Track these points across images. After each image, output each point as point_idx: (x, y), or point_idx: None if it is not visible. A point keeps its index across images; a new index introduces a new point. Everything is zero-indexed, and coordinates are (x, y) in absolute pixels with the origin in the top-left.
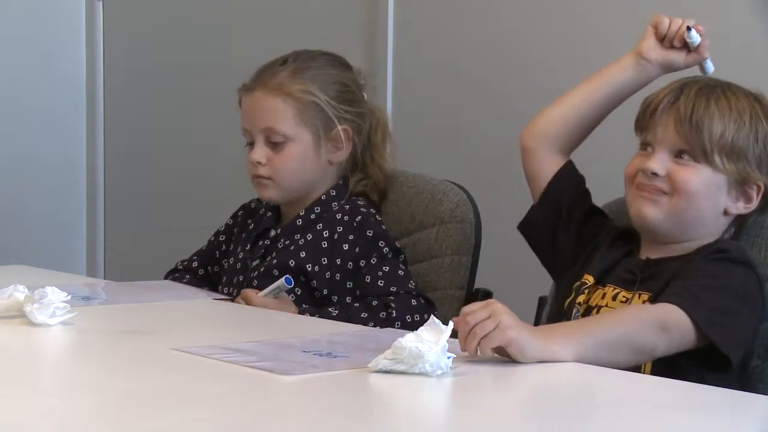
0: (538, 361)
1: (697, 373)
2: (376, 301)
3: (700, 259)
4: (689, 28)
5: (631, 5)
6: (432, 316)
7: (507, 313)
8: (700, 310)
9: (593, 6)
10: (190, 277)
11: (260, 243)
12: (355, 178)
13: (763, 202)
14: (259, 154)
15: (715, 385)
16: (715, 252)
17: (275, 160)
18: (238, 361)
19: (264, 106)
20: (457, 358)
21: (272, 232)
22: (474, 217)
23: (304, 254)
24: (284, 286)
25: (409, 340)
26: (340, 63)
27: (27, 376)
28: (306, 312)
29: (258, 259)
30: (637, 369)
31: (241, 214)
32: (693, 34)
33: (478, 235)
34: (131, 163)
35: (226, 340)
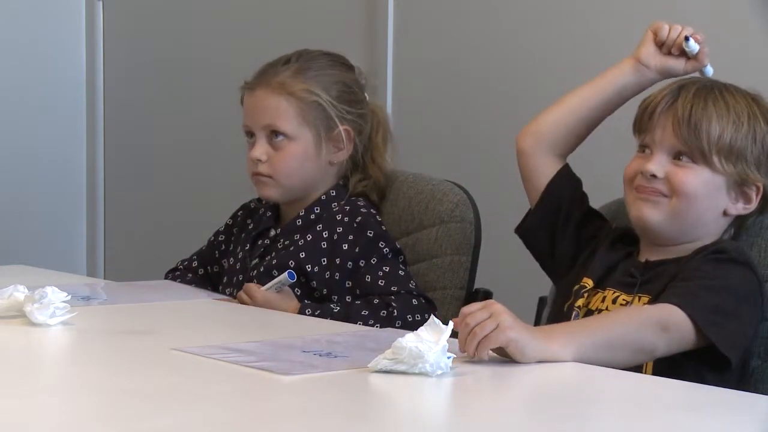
0: (538, 361)
1: (697, 373)
2: (378, 299)
3: (700, 259)
4: (687, 38)
5: (631, 5)
6: (432, 316)
7: (507, 314)
8: (700, 311)
9: (593, 7)
10: (191, 276)
11: (260, 243)
12: (355, 179)
13: (763, 203)
14: (260, 151)
15: (715, 385)
16: (715, 252)
17: (276, 158)
18: (237, 361)
19: (266, 105)
20: (457, 358)
21: (272, 232)
22: (474, 217)
23: (304, 254)
24: (287, 281)
25: (409, 340)
26: (342, 63)
27: (27, 376)
28: (308, 308)
29: (257, 259)
30: (639, 369)
31: (241, 214)
32: (691, 43)
33: (477, 235)
34: (131, 163)
35: (226, 340)
